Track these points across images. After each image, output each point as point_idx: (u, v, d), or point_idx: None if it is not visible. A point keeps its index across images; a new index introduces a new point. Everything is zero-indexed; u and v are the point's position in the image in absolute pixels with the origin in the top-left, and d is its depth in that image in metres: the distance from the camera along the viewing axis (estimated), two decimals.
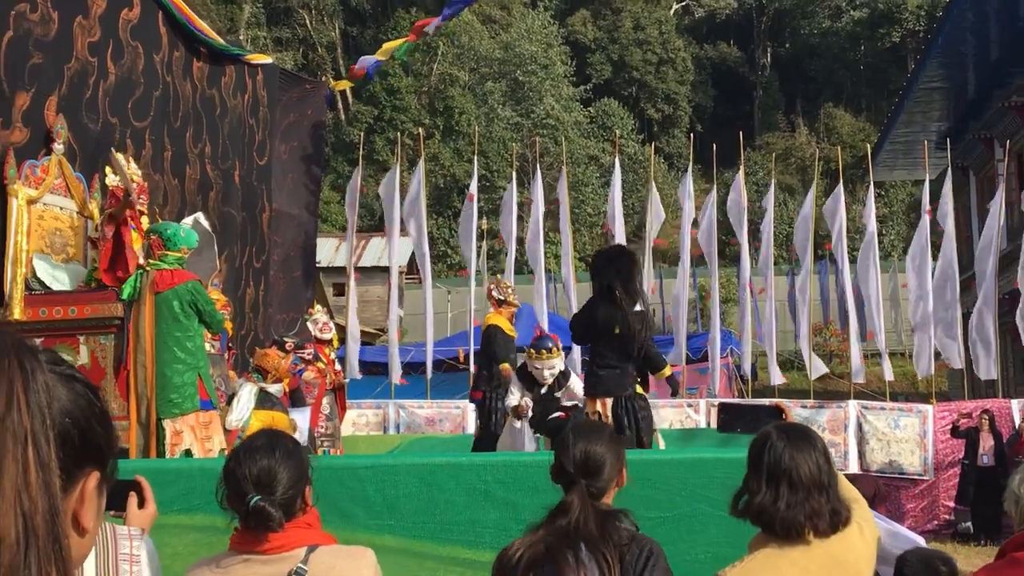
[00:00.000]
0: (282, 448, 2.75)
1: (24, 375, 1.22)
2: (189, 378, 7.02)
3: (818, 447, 2.77)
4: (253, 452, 2.73)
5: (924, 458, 15.23)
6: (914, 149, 24.25)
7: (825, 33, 56.90)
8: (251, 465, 2.70)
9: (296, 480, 2.71)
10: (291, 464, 2.72)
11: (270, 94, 14.38)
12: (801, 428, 2.87)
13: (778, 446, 2.75)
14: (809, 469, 2.71)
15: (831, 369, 27.83)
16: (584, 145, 48.74)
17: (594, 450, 3.01)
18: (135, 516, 2.37)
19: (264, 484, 2.67)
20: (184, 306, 7.02)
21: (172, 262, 7.23)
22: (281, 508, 2.66)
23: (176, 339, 7.03)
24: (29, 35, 8.77)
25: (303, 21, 55.26)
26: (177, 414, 6.96)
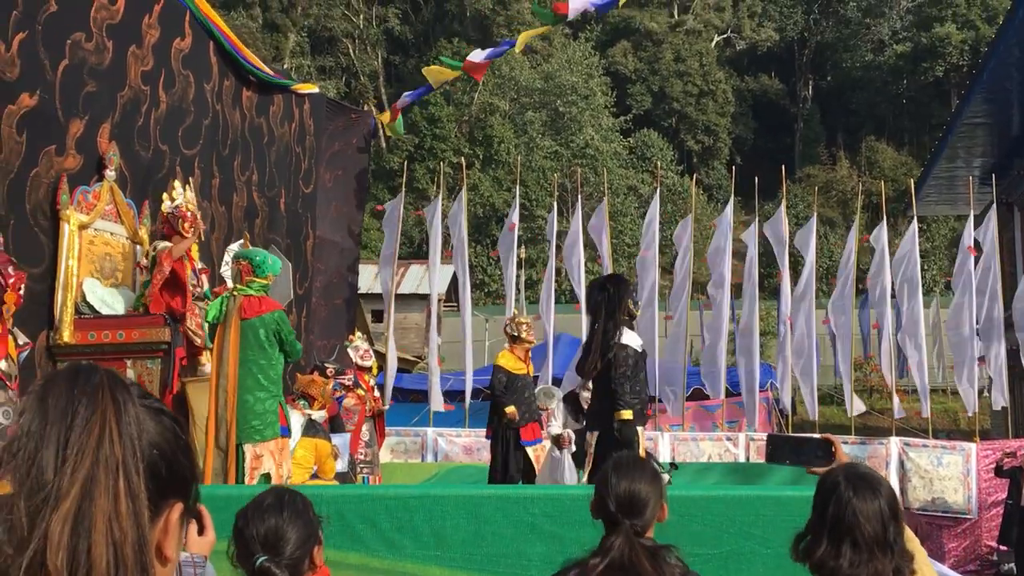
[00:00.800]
0: (291, 507, 2.74)
1: (117, 408, 1.26)
2: (271, 405, 7.09)
3: (884, 496, 2.73)
4: (262, 511, 2.73)
5: (968, 496, 15.01)
6: (957, 184, 24.05)
7: (867, 67, 56.71)
8: (259, 525, 2.69)
9: (304, 540, 2.70)
10: (299, 524, 2.72)
11: (316, 123, 14.53)
12: (869, 476, 2.82)
13: (844, 496, 2.70)
14: (873, 528, 2.66)
15: (870, 405, 27.56)
16: (623, 175, 48.77)
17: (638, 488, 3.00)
18: (195, 543, 2.40)
19: (271, 544, 2.66)
20: (269, 335, 7.10)
21: (258, 289, 7.30)
22: (288, 569, 2.65)
23: (260, 366, 7.10)
24: (84, 64, 8.94)
25: (346, 50, 55.85)
26: (258, 440, 7.02)
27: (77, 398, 1.25)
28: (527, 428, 10.73)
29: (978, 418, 17.51)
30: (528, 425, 10.75)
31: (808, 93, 59.56)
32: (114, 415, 1.25)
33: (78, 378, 1.27)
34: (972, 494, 14.94)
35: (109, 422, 1.24)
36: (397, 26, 57.72)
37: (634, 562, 2.83)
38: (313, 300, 14.67)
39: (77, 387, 1.26)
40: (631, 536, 2.89)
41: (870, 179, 42.31)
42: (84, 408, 1.24)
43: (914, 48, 54.47)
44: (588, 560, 2.89)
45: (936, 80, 53.80)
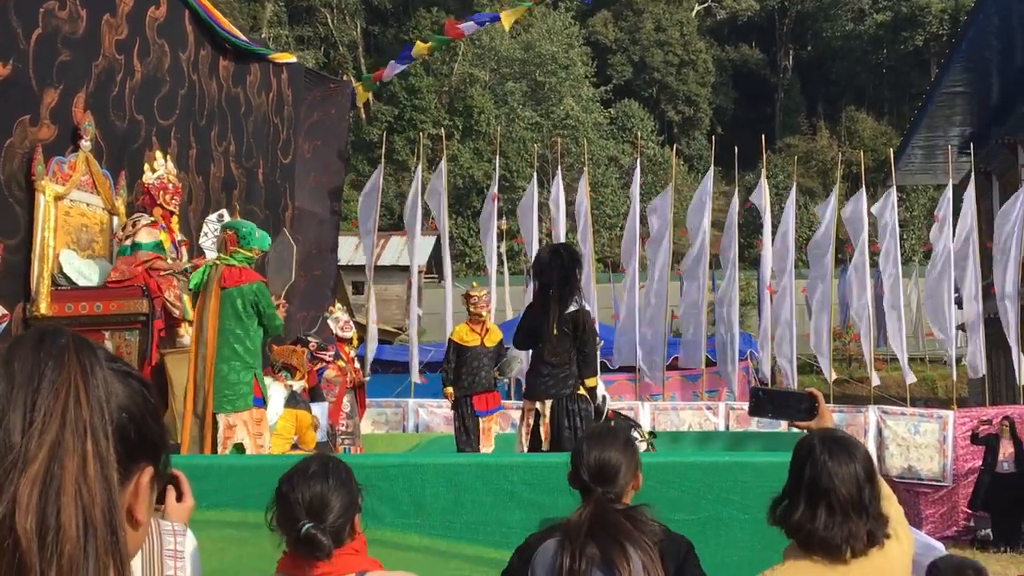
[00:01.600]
0: (336, 475, 2.78)
1: (84, 371, 1.24)
2: (245, 376, 7.06)
3: (859, 460, 2.75)
4: (307, 477, 2.76)
5: (943, 464, 15.16)
6: (937, 153, 24.16)
7: (847, 36, 56.74)
8: (304, 490, 2.73)
9: (347, 508, 2.74)
10: (343, 492, 2.75)
11: (295, 93, 14.43)
12: (845, 439, 2.84)
13: (820, 459, 2.72)
14: (848, 490, 2.68)
15: (849, 374, 27.75)
16: (604, 146, 48.72)
17: (608, 456, 3.03)
18: (173, 509, 2.40)
19: (316, 511, 2.69)
20: (247, 305, 7.06)
21: (241, 260, 7.26)
22: (331, 535, 2.69)
23: (237, 336, 7.08)
24: (57, 32, 8.83)
25: (325, 20, 55.43)
26: (230, 410, 7.01)
27: (43, 361, 1.23)
28: (480, 398, 10.74)
29: (955, 386, 17.66)
30: (481, 395, 10.75)
31: (788, 63, 59.56)
32: (81, 378, 1.23)
33: (44, 341, 1.25)
34: (948, 462, 15.09)
35: (76, 385, 1.22)
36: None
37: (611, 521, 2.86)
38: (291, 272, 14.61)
39: (43, 350, 1.24)
40: (603, 502, 2.93)
41: (850, 149, 42.42)
42: (50, 371, 1.22)
43: (894, 17, 54.51)
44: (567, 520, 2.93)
45: (916, 49, 53.91)
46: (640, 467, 3.10)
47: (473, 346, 10.84)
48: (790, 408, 3.19)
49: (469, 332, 10.92)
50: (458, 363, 10.87)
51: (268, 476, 4.78)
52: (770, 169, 28.50)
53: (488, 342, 10.90)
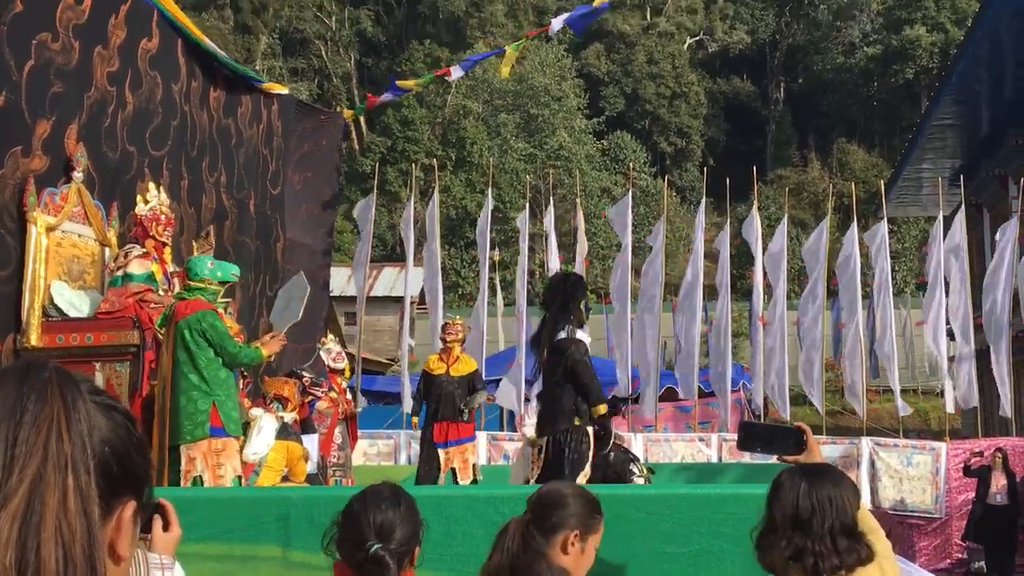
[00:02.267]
0: (406, 504, 2.81)
1: (66, 405, 1.24)
2: (202, 405, 7.04)
3: (839, 487, 2.75)
4: (379, 501, 2.78)
5: (936, 496, 15.13)
6: (927, 185, 24.27)
7: (838, 69, 57.13)
8: (376, 513, 2.74)
9: (410, 538, 2.76)
10: (411, 522, 2.78)
11: (285, 124, 14.46)
12: (823, 468, 2.85)
13: (799, 489, 2.73)
14: (824, 518, 2.68)
15: (842, 405, 27.71)
16: (597, 177, 48.88)
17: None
18: (160, 539, 2.39)
19: (384, 535, 2.71)
20: (193, 334, 7.07)
21: (194, 292, 7.30)
22: (395, 562, 2.70)
23: (189, 367, 7.09)
24: (50, 64, 8.86)
25: (319, 52, 55.71)
26: (188, 440, 7.00)
27: (26, 395, 1.22)
28: (439, 427, 10.69)
29: (948, 418, 17.66)
30: (441, 424, 10.68)
31: (780, 95, 59.94)
32: (63, 412, 1.22)
33: (27, 374, 1.25)
34: (940, 493, 15.06)
35: (58, 419, 1.22)
36: (370, 28, 57.65)
37: None
38: None
39: (26, 383, 1.24)
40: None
41: (841, 180, 42.58)
42: (33, 404, 1.22)
43: (884, 50, 54.91)
44: None
45: (906, 82, 54.27)
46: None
47: (438, 375, 10.81)
48: (779, 442, 3.19)
49: (437, 361, 10.95)
50: (426, 392, 10.90)
51: (254, 508, 4.76)
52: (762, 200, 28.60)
53: (455, 372, 10.83)
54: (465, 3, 55.42)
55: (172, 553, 2.42)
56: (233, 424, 7.17)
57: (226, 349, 7.12)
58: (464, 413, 10.66)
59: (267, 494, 5.02)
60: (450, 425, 10.63)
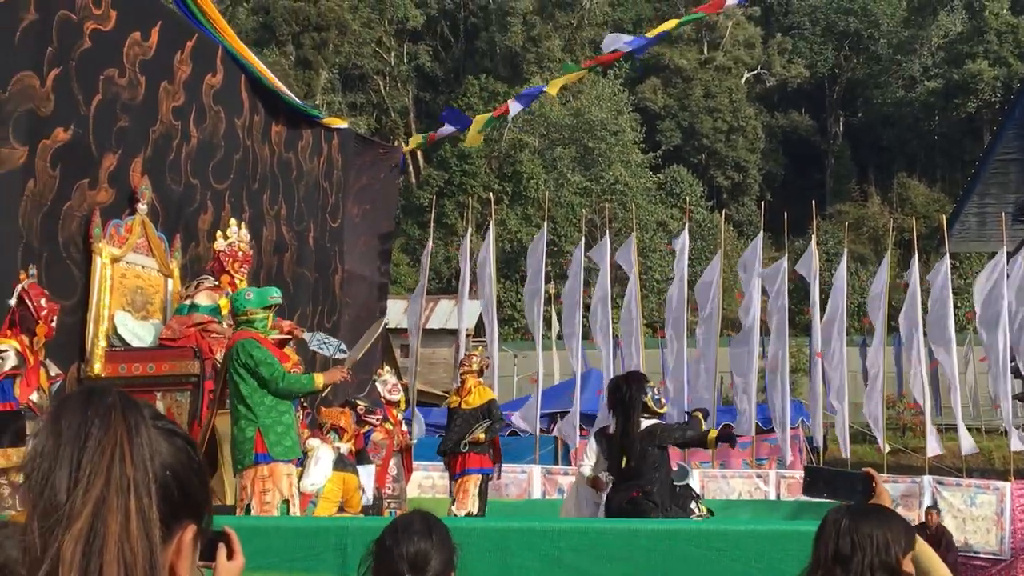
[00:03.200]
0: (437, 532, 2.82)
1: (129, 429, 1.26)
2: (248, 433, 7.11)
3: (889, 526, 2.70)
4: (411, 533, 2.79)
5: (1001, 537, 14.78)
6: (990, 220, 23.87)
7: (898, 103, 56.53)
8: (409, 546, 2.75)
9: (446, 565, 2.78)
10: (444, 549, 2.80)
11: (344, 157, 14.63)
12: (869, 507, 2.79)
13: (840, 526, 2.69)
14: (871, 555, 2.64)
15: (904, 443, 27.23)
16: (652, 211, 48.73)
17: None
18: (224, 568, 2.40)
19: (419, 567, 2.73)
20: (235, 364, 7.17)
21: (242, 325, 7.41)
22: None
23: (239, 396, 7.18)
24: (117, 99, 9.06)
25: (377, 87, 56.32)
26: (240, 469, 7.08)
27: (90, 419, 1.25)
28: (451, 461, 10.66)
29: (1013, 457, 17.26)
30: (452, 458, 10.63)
31: (839, 130, 59.41)
32: (126, 436, 1.24)
33: (91, 399, 1.27)
34: (1006, 535, 14.71)
35: (122, 443, 1.24)
36: (428, 63, 58.20)
37: None
38: (340, 334, 14.70)
39: (91, 408, 1.26)
40: None
41: (902, 216, 42.07)
42: (97, 429, 1.24)
43: (945, 84, 54.27)
44: None
45: (968, 116, 53.54)
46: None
47: (453, 407, 10.79)
48: (844, 488, 3.10)
49: (455, 394, 10.96)
50: (447, 425, 10.93)
51: (313, 538, 4.78)
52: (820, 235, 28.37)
53: (466, 404, 10.68)
54: (522, 38, 55.77)
55: None
56: (281, 448, 7.16)
57: (261, 375, 7.13)
58: (462, 445, 10.44)
59: (325, 524, 5.04)
60: (457, 458, 10.57)
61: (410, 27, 57.30)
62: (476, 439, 10.45)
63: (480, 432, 10.47)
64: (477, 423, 10.52)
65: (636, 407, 7.02)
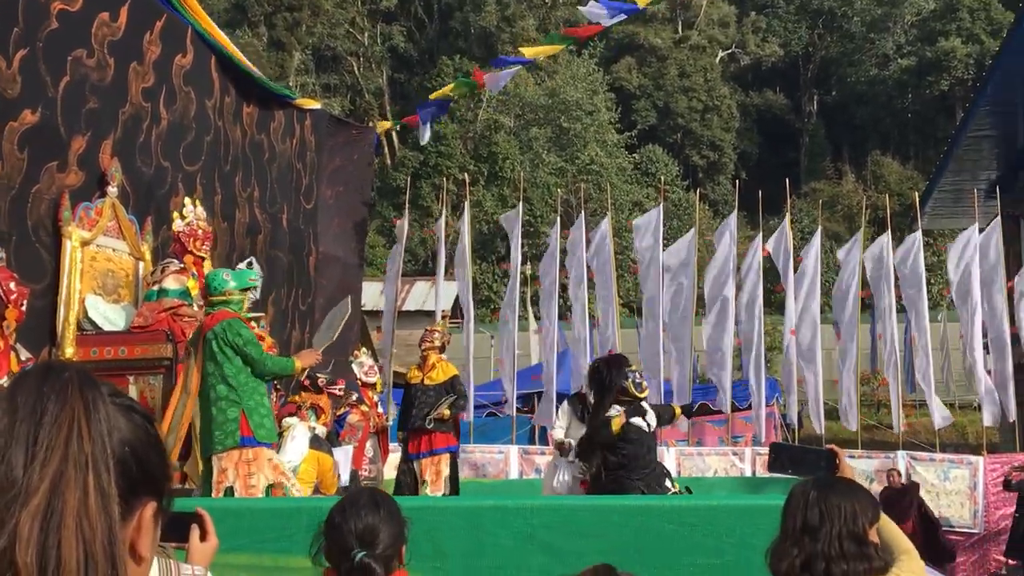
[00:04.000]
0: (385, 507, 2.87)
1: (86, 405, 1.24)
2: (231, 414, 7.07)
3: (848, 494, 2.74)
4: (359, 508, 2.84)
5: (974, 511, 14.94)
6: (963, 197, 24.01)
7: (872, 81, 56.76)
8: (357, 521, 2.80)
9: (396, 538, 2.83)
10: (393, 523, 2.84)
11: (318, 139, 14.55)
12: (834, 479, 2.84)
13: (809, 497, 2.73)
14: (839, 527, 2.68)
15: (878, 419, 27.46)
16: (628, 191, 48.77)
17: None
18: (197, 548, 2.40)
19: (367, 541, 2.77)
20: (220, 344, 7.11)
21: (218, 306, 7.34)
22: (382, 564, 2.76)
23: (218, 376, 7.12)
24: (85, 80, 8.96)
25: (351, 68, 56.05)
26: (220, 450, 7.03)
27: (46, 395, 1.23)
28: (413, 440, 10.41)
29: (986, 432, 17.41)
30: (415, 436, 10.39)
31: (813, 108, 59.62)
32: (83, 412, 1.23)
33: (48, 376, 1.26)
34: (979, 508, 14.86)
35: (79, 419, 1.23)
36: (402, 44, 57.94)
37: None
38: (316, 316, 14.66)
39: (47, 384, 1.25)
40: None
41: (876, 193, 42.27)
42: (53, 405, 1.23)
43: (919, 62, 54.52)
44: None
45: (941, 94, 53.84)
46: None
47: (414, 384, 10.51)
48: (809, 464, 3.15)
49: (415, 371, 10.68)
50: (405, 402, 10.62)
51: (286, 519, 4.77)
52: (795, 214, 28.47)
53: (430, 380, 10.46)
54: (496, 18, 55.60)
55: (208, 563, 2.43)
56: (264, 431, 7.17)
57: (250, 356, 7.13)
58: (428, 422, 10.24)
59: (298, 504, 5.04)
60: (422, 436, 10.33)
61: (383, 7, 57.04)
62: (441, 415, 10.28)
63: (445, 408, 10.29)
64: (442, 399, 10.38)
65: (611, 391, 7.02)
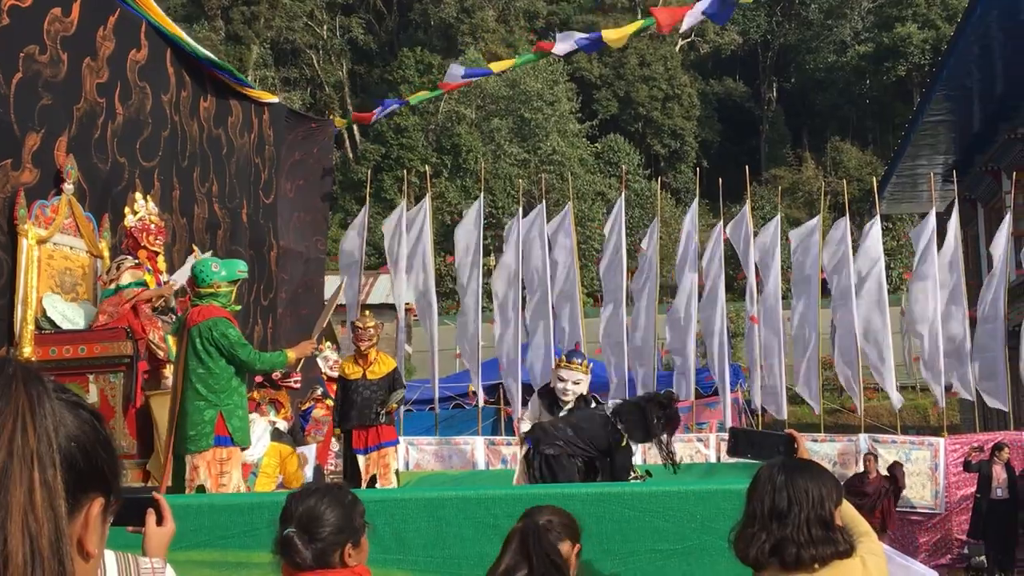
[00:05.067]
0: (335, 497, 2.85)
1: (31, 400, 1.24)
2: (209, 415, 6.97)
3: (815, 478, 2.75)
4: (308, 494, 2.87)
5: (935, 491, 15.13)
6: (921, 182, 24.29)
7: (830, 68, 57.17)
8: (299, 504, 2.82)
9: (338, 530, 2.79)
10: (338, 514, 2.80)
11: (276, 133, 14.47)
12: (799, 461, 2.86)
13: (776, 481, 2.74)
14: (800, 502, 2.70)
15: (841, 403, 27.72)
16: (590, 181, 48.86)
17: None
18: (154, 533, 2.39)
19: (304, 524, 2.77)
20: (204, 342, 6.97)
21: (206, 298, 7.20)
22: (313, 551, 2.73)
23: (199, 375, 6.99)
24: (38, 76, 8.86)
25: (310, 61, 55.71)
26: (193, 450, 6.95)
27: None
28: (358, 434, 10.16)
29: (946, 413, 17.64)
30: (360, 431, 10.15)
31: (772, 95, 59.96)
32: (28, 408, 1.22)
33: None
34: (940, 489, 15.06)
35: (23, 414, 1.22)
36: (361, 36, 57.64)
37: None
38: (279, 311, 14.60)
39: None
40: None
41: (836, 179, 42.61)
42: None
43: (876, 48, 54.95)
44: None
45: (898, 79, 54.30)
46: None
47: (355, 379, 10.26)
48: (768, 448, 3.19)
49: (352, 365, 10.38)
50: (344, 398, 10.32)
51: (248, 514, 4.75)
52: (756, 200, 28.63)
53: (371, 374, 10.29)
54: (456, 10, 55.46)
55: (165, 548, 2.43)
56: (240, 434, 7.10)
57: (238, 357, 7.01)
58: (380, 416, 10.10)
59: (260, 500, 5.02)
60: (369, 430, 10.16)
61: (341, 0, 56.70)
62: (391, 409, 10.24)
63: (393, 402, 10.29)
64: (388, 393, 10.26)
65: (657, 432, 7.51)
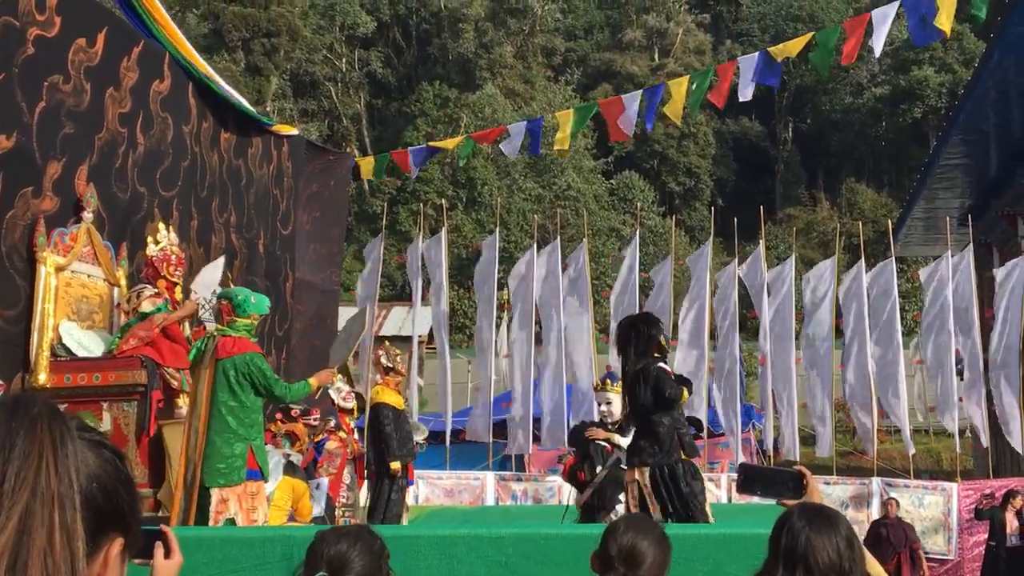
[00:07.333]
0: (364, 542, 2.87)
1: (54, 441, 1.24)
2: (239, 449, 6.94)
3: (841, 531, 2.73)
4: (337, 536, 2.88)
5: (949, 537, 14.99)
6: (936, 225, 24.22)
7: (847, 109, 57.30)
8: (330, 547, 2.83)
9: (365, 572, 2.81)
10: (366, 559, 2.83)
11: (295, 165, 14.55)
12: (824, 510, 2.83)
13: (796, 527, 2.72)
14: (828, 555, 2.67)
15: (853, 445, 27.53)
16: (605, 217, 48.95)
17: (639, 544, 3.00)
18: (161, 566, 2.39)
19: (334, 568, 2.78)
20: (240, 377, 6.95)
21: (240, 329, 7.20)
22: None
23: (230, 408, 6.96)
24: (61, 106, 8.94)
25: (329, 93, 56.10)
26: (223, 484, 6.91)
27: (15, 431, 1.23)
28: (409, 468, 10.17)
29: (959, 458, 17.52)
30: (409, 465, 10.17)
31: (788, 135, 60.07)
32: (51, 448, 1.23)
33: (16, 411, 1.26)
34: (953, 535, 14.91)
35: (47, 455, 1.22)
36: (379, 69, 58.06)
37: None
38: (293, 342, 14.61)
39: (15, 420, 1.24)
40: None
41: (850, 220, 42.56)
42: (22, 440, 1.23)
43: (892, 91, 55.08)
44: None
45: (914, 122, 54.37)
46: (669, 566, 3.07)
47: (403, 409, 10.22)
48: (778, 486, 3.18)
49: (395, 395, 10.24)
50: (399, 428, 10.13)
51: (259, 548, 4.74)
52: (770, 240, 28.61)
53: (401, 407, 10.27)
54: (474, 44, 55.85)
55: None
56: (266, 468, 7.15)
57: (273, 393, 7.05)
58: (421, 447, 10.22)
59: (272, 534, 5.01)
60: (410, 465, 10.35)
61: (360, 33, 57.13)
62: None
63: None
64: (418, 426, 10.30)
65: (651, 345, 6.89)
